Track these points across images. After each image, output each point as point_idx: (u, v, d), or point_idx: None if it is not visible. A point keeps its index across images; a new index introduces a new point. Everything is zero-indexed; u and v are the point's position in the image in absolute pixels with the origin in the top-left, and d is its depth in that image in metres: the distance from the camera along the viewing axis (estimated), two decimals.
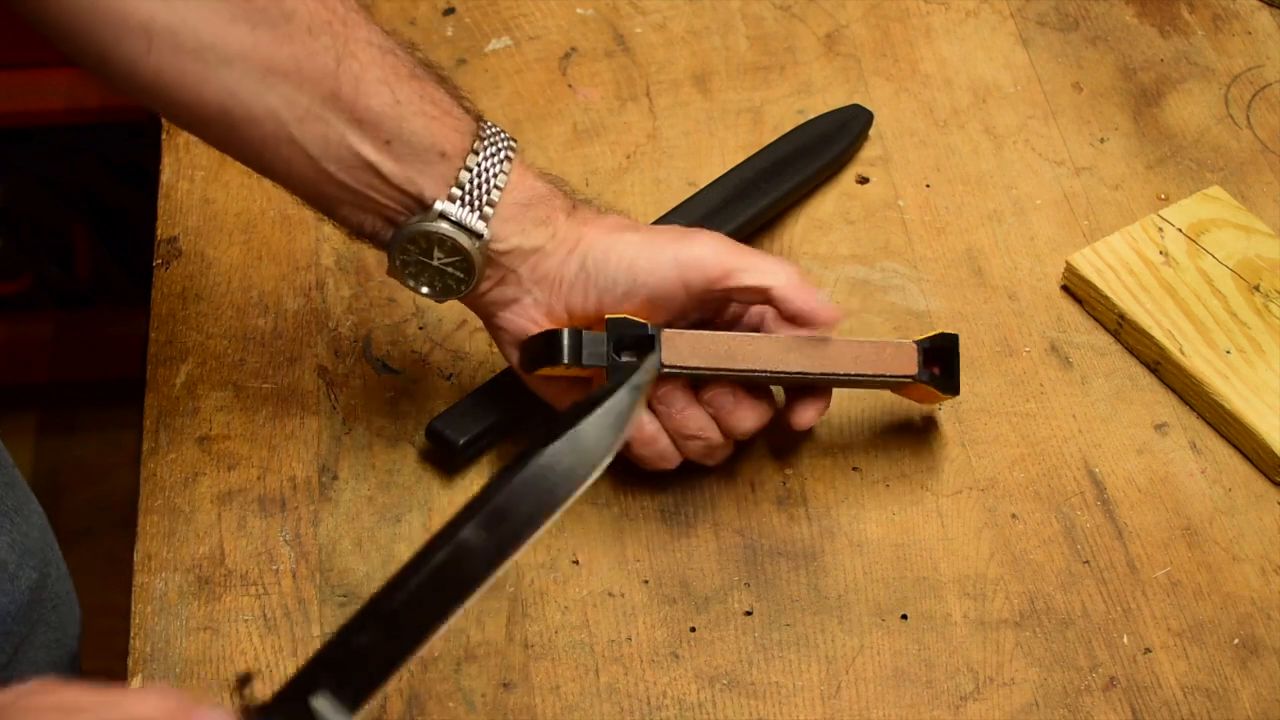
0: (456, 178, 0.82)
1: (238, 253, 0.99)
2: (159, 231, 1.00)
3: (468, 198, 0.82)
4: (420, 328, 0.96)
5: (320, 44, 0.80)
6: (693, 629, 0.84)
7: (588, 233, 0.85)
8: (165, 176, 1.03)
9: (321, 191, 0.83)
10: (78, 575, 1.07)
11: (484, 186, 0.82)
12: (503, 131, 0.84)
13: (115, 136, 1.84)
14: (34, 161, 1.88)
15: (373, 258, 0.98)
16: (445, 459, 0.90)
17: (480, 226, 0.82)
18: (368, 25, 0.82)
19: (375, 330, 0.96)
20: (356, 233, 0.84)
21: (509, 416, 0.90)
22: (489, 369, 0.93)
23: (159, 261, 0.99)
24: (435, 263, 0.83)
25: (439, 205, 0.82)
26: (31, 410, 2.02)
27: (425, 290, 0.85)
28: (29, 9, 0.79)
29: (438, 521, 0.88)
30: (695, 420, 0.85)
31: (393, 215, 0.83)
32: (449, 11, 1.14)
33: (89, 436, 2.00)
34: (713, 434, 0.86)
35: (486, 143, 0.83)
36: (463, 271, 0.83)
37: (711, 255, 0.84)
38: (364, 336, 0.96)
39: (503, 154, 0.83)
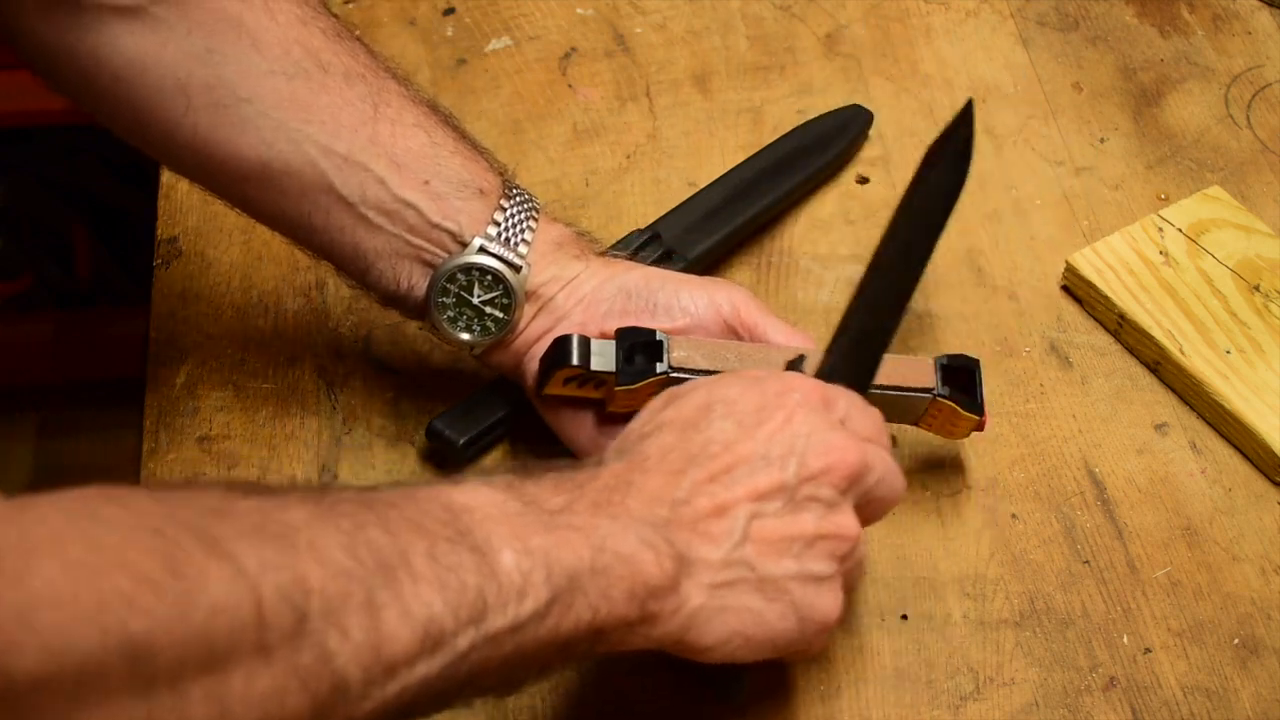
0: (493, 216, 0.83)
1: (238, 253, 0.99)
2: (159, 231, 1.00)
3: (504, 234, 0.83)
4: (420, 328, 0.96)
5: (356, 92, 0.82)
6: None
7: (621, 266, 0.86)
8: (165, 176, 1.03)
9: (359, 243, 0.83)
10: None
11: (519, 226, 0.84)
12: (525, 190, 0.86)
13: (115, 137, 1.84)
14: (34, 161, 1.88)
15: None
16: (445, 459, 0.90)
17: (520, 258, 0.83)
18: (396, 79, 0.84)
19: (375, 330, 0.96)
20: (392, 293, 0.85)
21: (509, 416, 0.90)
22: (489, 369, 0.93)
23: (159, 261, 0.99)
24: (476, 300, 0.84)
25: (478, 240, 0.83)
26: (31, 410, 2.02)
27: (465, 336, 0.85)
28: (62, 80, 0.82)
29: None
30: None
31: (430, 257, 0.83)
32: (449, 11, 1.14)
33: (89, 436, 2.00)
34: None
35: (514, 190, 0.85)
36: (502, 310, 0.84)
37: (744, 300, 0.85)
38: (364, 336, 0.96)
39: (530, 203, 0.85)
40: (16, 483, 1.95)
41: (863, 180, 1.05)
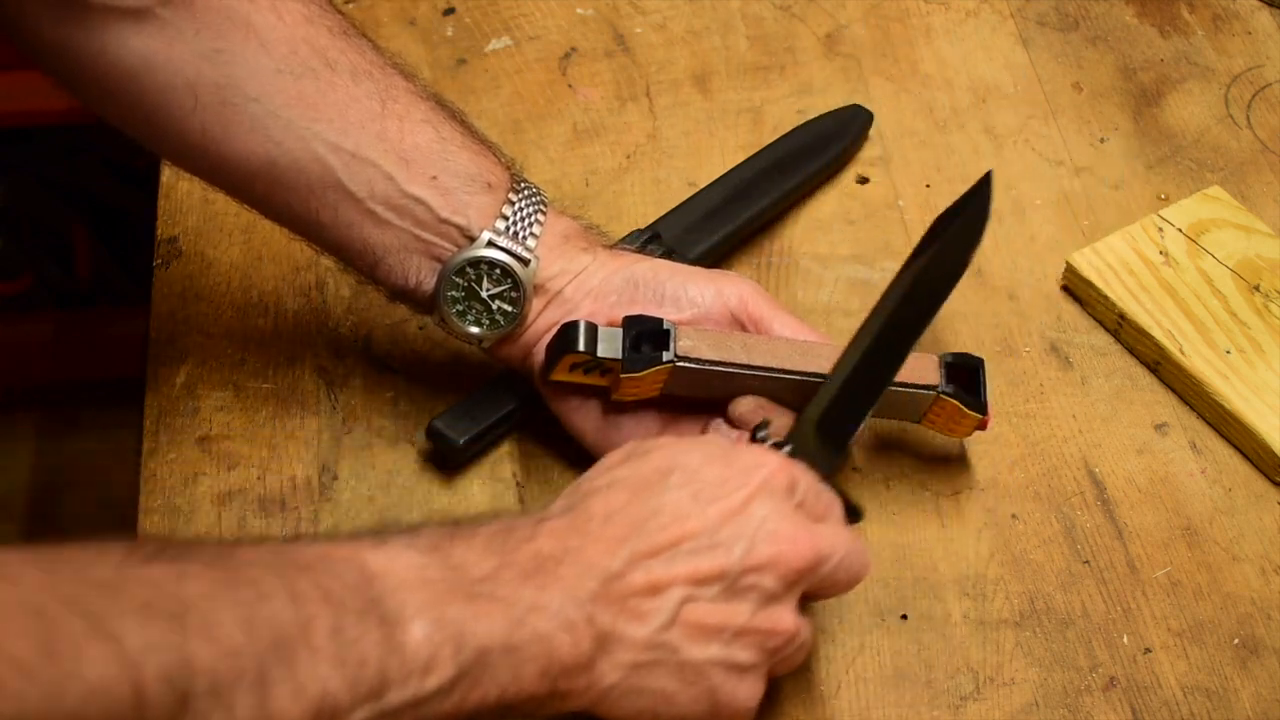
0: (501, 210, 0.83)
1: (238, 253, 0.99)
2: (159, 231, 1.00)
3: (513, 228, 0.83)
4: (420, 328, 0.96)
5: (363, 89, 0.82)
6: None
7: (629, 259, 0.86)
8: (165, 176, 1.03)
9: (367, 239, 0.83)
10: None
11: (527, 219, 0.84)
12: (533, 184, 0.86)
13: (115, 136, 1.84)
14: (34, 161, 1.89)
15: None
16: (445, 459, 0.90)
17: (528, 251, 0.83)
18: (403, 75, 0.85)
19: (375, 330, 0.96)
20: (401, 288, 0.85)
21: (509, 416, 0.90)
22: (489, 369, 0.93)
23: (159, 261, 0.99)
24: (484, 294, 0.83)
25: (486, 234, 0.83)
26: (31, 410, 2.02)
27: (475, 330, 0.85)
28: (69, 81, 0.81)
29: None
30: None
31: (439, 252, 0.83)
32: (449, 11, 1.14)
33: (89, 436, 2.00)
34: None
35: (522, 184, 0.85)
36: (511, 303, 0.84)
37: (751, 293, 0.85)
38: (364, 336, 0.96)
39: (538, 197, 0.85)
40: (16, 483, 1.95)
41: (863, 180, 1.05)
